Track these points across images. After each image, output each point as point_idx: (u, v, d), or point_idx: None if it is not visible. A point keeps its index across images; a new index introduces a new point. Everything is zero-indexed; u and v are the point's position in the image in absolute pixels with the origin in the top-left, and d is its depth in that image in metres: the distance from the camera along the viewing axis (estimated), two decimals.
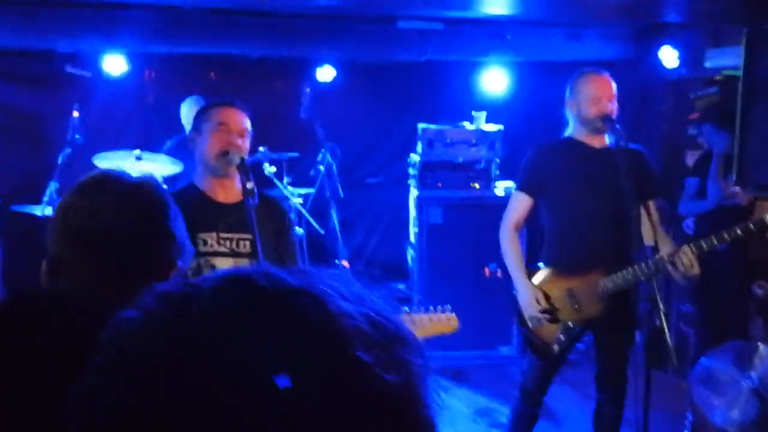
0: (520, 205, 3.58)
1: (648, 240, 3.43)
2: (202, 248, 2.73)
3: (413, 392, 0.60)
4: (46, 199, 5.02)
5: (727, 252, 4.57)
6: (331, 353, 0.57)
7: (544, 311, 3.41)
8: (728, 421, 3.96)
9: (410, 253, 5.87)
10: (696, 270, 3.19)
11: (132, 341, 0.59)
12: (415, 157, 5.76)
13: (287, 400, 0.54)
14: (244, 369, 0.55)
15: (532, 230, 4.07)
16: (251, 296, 0.60)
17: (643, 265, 3.27)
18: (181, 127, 5.62)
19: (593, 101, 3.42)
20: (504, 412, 4.10)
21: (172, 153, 5.51)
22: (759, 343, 4.12)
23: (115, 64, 5.80)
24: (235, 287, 0.61)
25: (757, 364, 4.01)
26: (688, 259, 3.17)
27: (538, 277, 3.50)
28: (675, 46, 5.35)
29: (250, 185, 2.64)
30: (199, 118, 2.87)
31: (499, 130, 5.69)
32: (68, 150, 5.21)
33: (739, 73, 4.65)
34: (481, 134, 5.68)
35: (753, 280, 4.94)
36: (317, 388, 0.55)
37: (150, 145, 5.79)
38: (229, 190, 2.82)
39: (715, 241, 3.17)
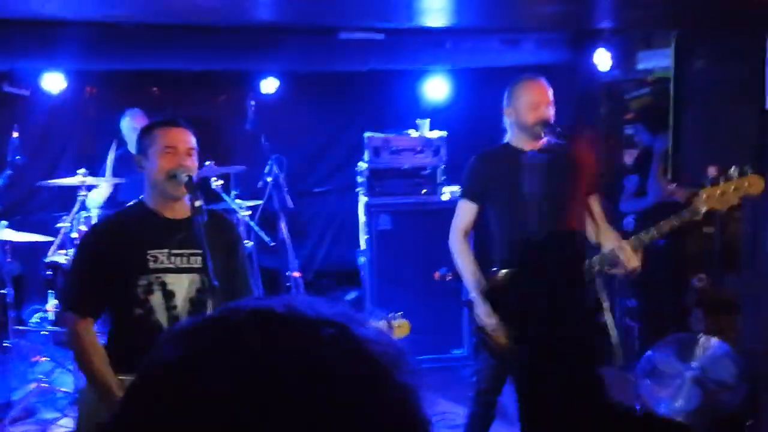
0: (466, 212, 3.63)
1: (591, 237, 3.53)
2: (152, 265, 2.74)
3: (421, 404, 0.64)
4: None
5: (663, 247, 4.75)
6: (379, 379, 0.60)
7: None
8: (673, 411, 4.11)
9: (361, 260, 5.91)
10: (635, 263, 3.30)
11: (189, 377, 0.60)
12: (362, 165, 5.82)
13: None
14: (303, 398, 0.57)
15: (479, 234, 4.14)
16: (280, 329, 0.61)
17: (590, 262, 3.38)
18: (124, 141, 5.58)
19: (531, 107, 3.47)
20: (460, 414, 4.16)
21: (116, 164, 5.48)
22: (699, 335, 4.29)
23: (54, 82, 5.70)
24: (263, 320, 0.63)
25: (698, 354, 4.17)
26: (626, 254, 3.28)
27: (496, 281, 3.53)
28: (608, 48, 5.51)
29: (198, 203, 2.66)
30: (143, 139, 2.84)
31: (443, 137, 5.80)
32: (9, 171, 5.11)
33: (669, 74, 4.83)
34: (426, 141, 5.78)
35: (690, 274, 5.12)
36: (375, 412, 0.58)
37: (92, 162, 5.71)
38: (179, 207, 2.82)
39: (655, 233, 3.29)
